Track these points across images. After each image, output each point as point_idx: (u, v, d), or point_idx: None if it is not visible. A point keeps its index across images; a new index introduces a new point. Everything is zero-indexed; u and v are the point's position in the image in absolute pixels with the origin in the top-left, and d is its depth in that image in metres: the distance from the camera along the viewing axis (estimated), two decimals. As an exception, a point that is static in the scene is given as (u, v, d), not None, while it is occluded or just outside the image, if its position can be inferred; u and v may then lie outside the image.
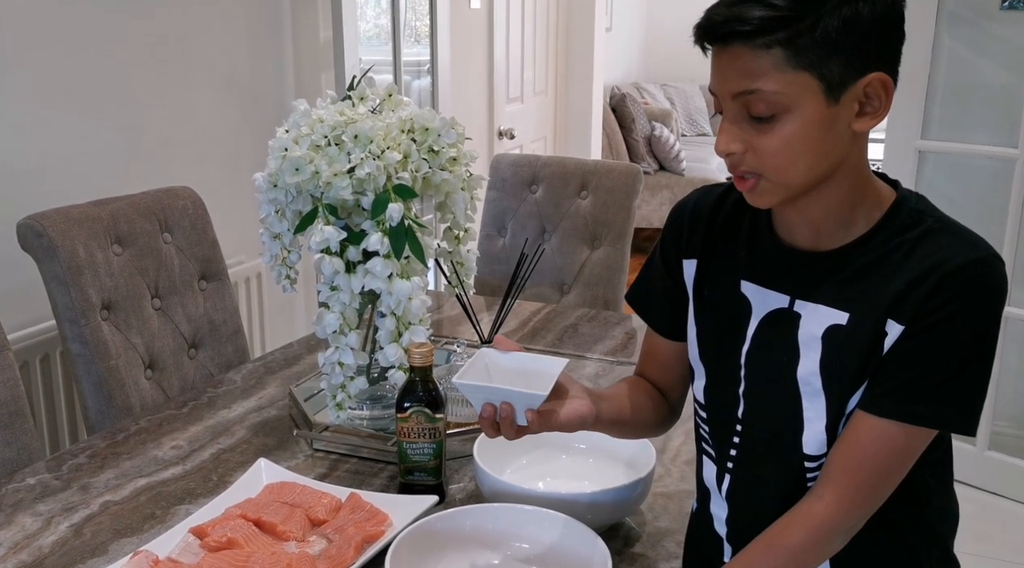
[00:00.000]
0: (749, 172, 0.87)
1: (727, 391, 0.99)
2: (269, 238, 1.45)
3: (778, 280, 0.94)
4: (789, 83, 0.81)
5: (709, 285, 1.01)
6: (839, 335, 0.89)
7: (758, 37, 0.81)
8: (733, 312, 0.97)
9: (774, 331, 0.94)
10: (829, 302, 0.90)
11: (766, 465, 0.97)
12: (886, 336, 0.86)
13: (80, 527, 1.18)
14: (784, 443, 0.94)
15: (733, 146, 0.86)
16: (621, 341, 1.89)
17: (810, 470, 0.93)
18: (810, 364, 0.91)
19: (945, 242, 0.86)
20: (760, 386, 0.96)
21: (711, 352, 1.01)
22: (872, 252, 0.88)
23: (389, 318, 1.35)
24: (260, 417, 1.51)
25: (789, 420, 0.93)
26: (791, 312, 0.92)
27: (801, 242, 0.93)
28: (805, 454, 0.93)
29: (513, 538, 1.08)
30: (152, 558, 1.06)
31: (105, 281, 1.74)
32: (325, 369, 1.38)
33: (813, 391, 0.91)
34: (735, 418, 0.98)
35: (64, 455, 1.38)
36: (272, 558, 1.07)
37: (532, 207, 2.41)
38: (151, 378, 1.81)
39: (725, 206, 1.01)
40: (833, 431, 0.91)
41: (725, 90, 0.85)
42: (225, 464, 1.35)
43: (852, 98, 0.83)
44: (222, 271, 1.99)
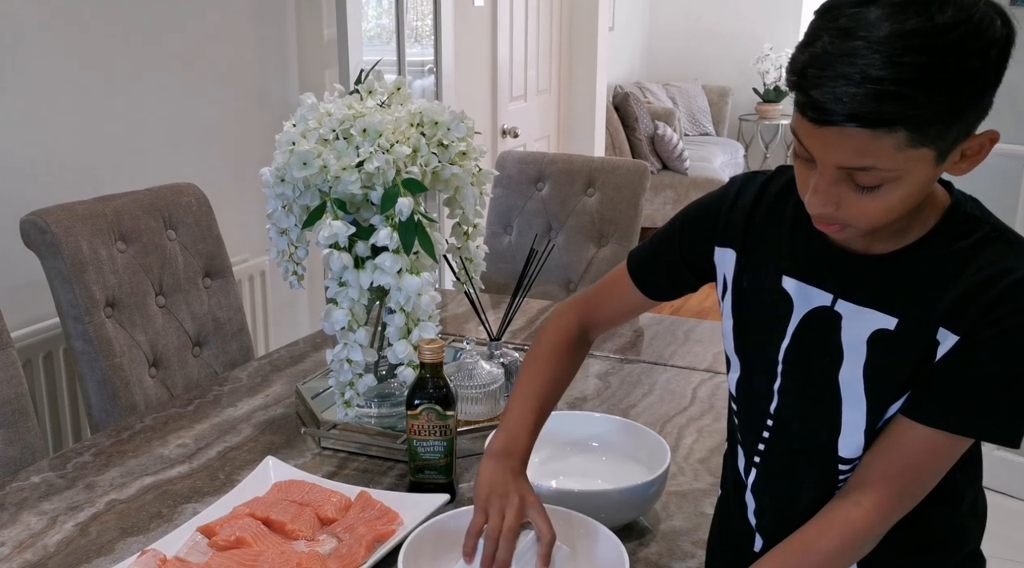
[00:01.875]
0: (838, 221, 0.82)
1: (761, 385, 0.96)
2: (276, 233, 1.43)
3: (822, 278, 0.91)
4: (907, 159, 0.75)
5: (748, 277, 0.98)
6: (886, 341, 0.86)
7: (881, 124, 0.73)
8: (773, 307, 0.94)
9: (816, 330, 0.91)
10: (877, 306, 0.86)
11: (796, 463, 0.95)
12: (938, 346, 0.83)
13: (86, 526, 1.16)
14: (818, 443, 0.92)
15: (829, 208, 0.80)
16: (629, 339, 1.87)
17: (843, 473, 0.92)
18: (853, 368, 0.88)
19: (1003, 252, 0.83)
20: (797, 384, 0.93)
21: (748, 345, 0.98)
22: (926, 259, 0.85)
23: (398, 314, 1.33)
24: (267, 415, 1.50)
25: (826, 421, 0.91)
26: (832, 312, 0.89)
27: (849, 244, 0.89)
28: (840, 457, 0.91)
29: (526, 536, 1.06)
30: (160, 557, 1.04)
31: (109, 278, 1.72)
32: (333, 366, 1.36)
33: (854, 395, 0.88)
34: (766, 413, 0.96)
35: (69, 453, 1.36)
36: (282, 557, 1.05)
37: (538, 204, 2.39)
38: (155, 376, 1.79)
39: (767, 196, 0.97)
40: (871, 436, 0.88)
41: (829, 160, 0.77)
42: (232, 462, 1.33)
43: (958, 154, 0.79)
44: (227, 268, 1.97)
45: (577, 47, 4.42)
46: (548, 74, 4.22)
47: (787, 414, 0.95)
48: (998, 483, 2.66)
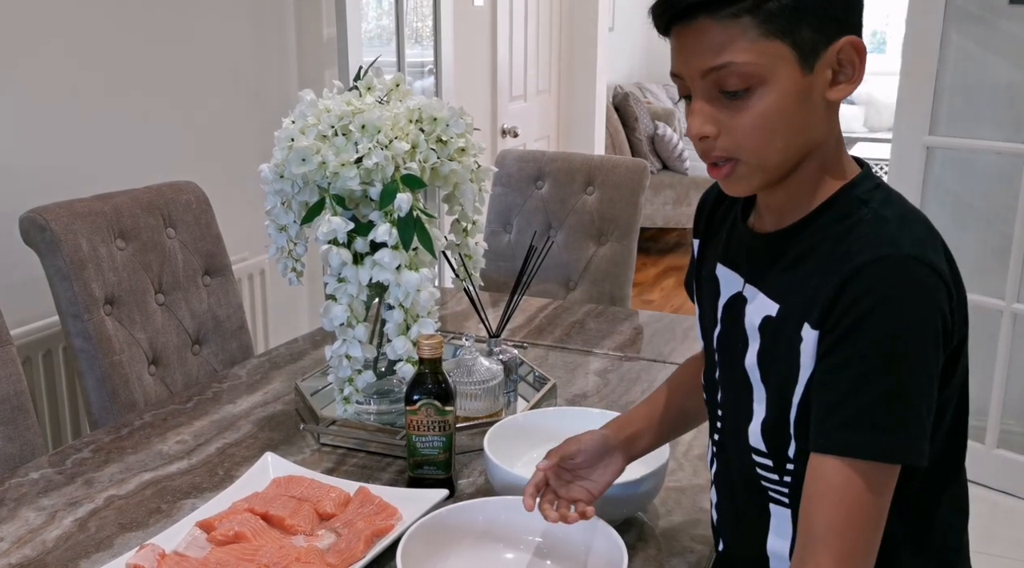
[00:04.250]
0: (724, 157, 0.82)
1: (711, 375, 0.98)
2: (275, 230, 1.43)
3: (738, 262, 0.92)
4: (761, 53, 0.77)
5: (702, 267, 1.01)
6: (771, 328, 0.85)
7: (724, 7, 0.76)
8: (711, 294, 0.96)
9: (733, 316, 0.92)
10: (767, 291, 0.86)
11: (732, 456, 0.95)
12: (801, 342, 0.80)
13: (84, 521, 1.16)
14: (741, 434, 0.90)
15: (707, 128, 0.81)
16: (629, 336, 1.87)
17: (759, 466, 0.88)
18: (752, 354, 0.88)
19: (868, 237, 0.78)
20: (727, 372, 0.94)
21: (704, 335, 1.01)
22: (806, 240, 0.83)
23: (397, 310, 1.33)
24: (266, 412, 1.50)
25: (743, 409, 0.89)
26: (741, 296, 0.90)
27: (763, 225, 0.89)
28: (752, 447, 0.88)
29: (526, 532, 1.06)
30: (158, 551, 1.04)
31: (108, 276, 1.72)
32: (332, 362, 1.36)
33: (756, 382, 0.87)
34: (716, 403, 0.97)
35: (68, 449, 1.36)
36: (281, 552, 1.05)
37: (538, 203, 2.39)
38: (154, 374, 1.79)
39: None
40: (774, 431, 0.84)
41: (693, 69, 0.80)
42: (231, 458, 1.33)
43: (825, 66, 0.79)
44: (226, 267, 1.98)
45: (577, 47, 4.42)
46: (548, 74, 4.22)
47: (724, 403, 0.95)
48: (1002, 483, 2.65)
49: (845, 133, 0.90)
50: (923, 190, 2.66)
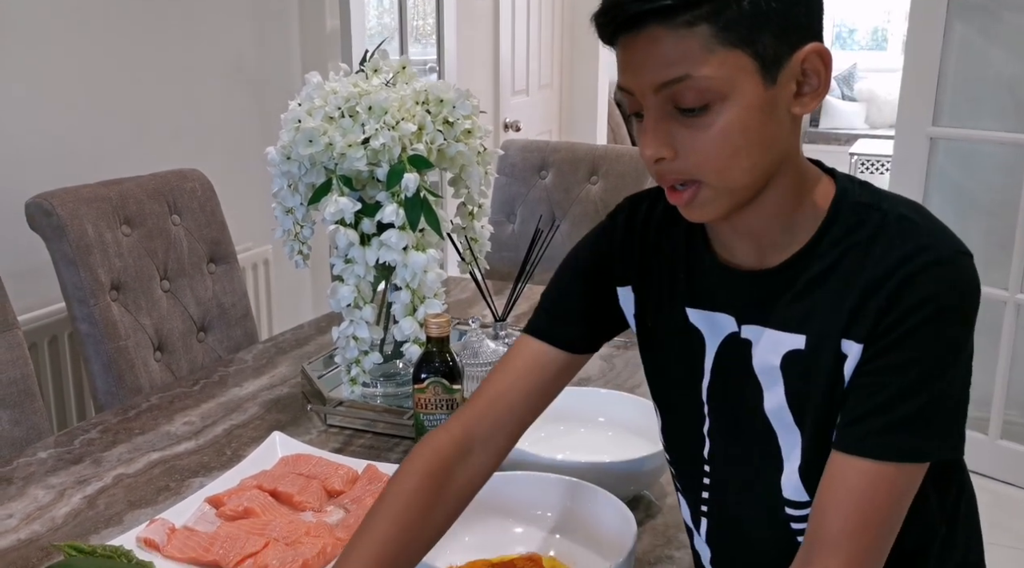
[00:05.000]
0: (685, 180, 0.73)
1: (691, 430, 0.87)
2: (281, 212, 1.43)
3: (723, 302, 0.82)
4: (720, 64, 0.69)
5: (652, 316, 0.88)
6: (800, 363, 0.77)
7: (679, 14, 0.68)
8: (686, 344, 0.85)
9: (732, 361, 0.82)
10: (782, 326, 0.77)
11: (744, 509, 0.85)
12: (844, 359, 0.74)
13: (93, 499, 1.16)
14: (761, 486, 0.82)
15: (662, 150, 0.72)
16: (634, 323, 1.87)
17: (795, 520, 0.81)
18: (776, 398, 0.79)
19: (900, 240, 0.73)
20: (728, 423, 0.84)
21: (668, 391, 0.90)
22: (820, 261, 0.76)
23: (404, 291, 1.33)
24: (272, 395, 1.50)
25: (765, 459, 0.81)
26: (740, 339, 0.81)
27: (743, 261, 0.80)
28: (786, 499, 0.80)
29: (534, 506, 1.06)
30: (168, 526, 1.05)
31: (114, 261, 1.73)
32: (339, 343, 1.36)
33: (785, 426, 0.79)
34: (701, 459, 0.87)
35: (75, 430, 1.36)
36: (290, 526, 1.05)
37: (542, 192, 2.39)
38: (160, 360, 1.80)
39: (653, 221, 0.88)
40: (811, 474, 0.78)
41: (645, 83, 0.71)
42: (238, 439, 1.33)
43: (789, 77, 0.72)
44: (231, 254, 1.98)
45: (579, 42, 4.42)
46: (550, 69, 4.22)
47: (723, 457, 0.85)
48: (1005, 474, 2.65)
49: (847, 130, 0.85)
50: (926, 181, 2.66)
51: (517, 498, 1.06)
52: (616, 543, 0.96)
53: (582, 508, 1.04)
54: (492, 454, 0.88)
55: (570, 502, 1.05)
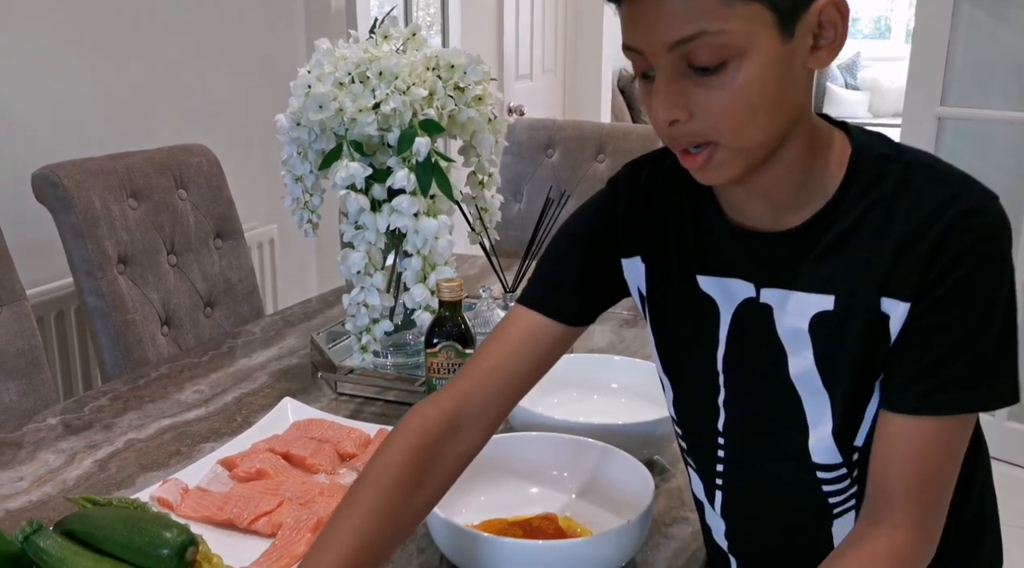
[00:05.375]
0: (699, 142, 0.70)
1: (704, 403, 0.85)
2: (291, 180, 1.42)
3: (739, 267, 0.79)
4: (738, 18, 0.65)
5: (662, 287, 0.85)
6: (829, 324, 0.75)
7: None
8: (698, 314, 0.82)
9: (750, 327, 0.79)
10: (808, 287, 0.75)
11: (766, 479, 0.83)
12: (888, 319, 0.72)
13: (105, 462, 1.15)
14: (786, 451, 0.80)
15: (677, 112, 0.69)
16: (643, 298, 1.87)
17: (826, 482, 0.80)
18: (803, 362, 0.77)
19: (928, 191, 0.72)
20: (746, 393, 0.82)
21: (679, 362, 0.87)
22: (844, 218, 0.74)
23: (415, 257, 1.32)
24: (281, 365, 1.49)
25: (788, 425, 0.79)
26: (759, 304, 0.78)
27: (757, 222, 0.77)
28: (815, 464, 0.79)
29: (550, 466, 1.06)
30: (182, 486, 1.04)
31: (121, 235, 1.72)
32: (350, 310, 1.36)
33: (813, 390, 0.77)
34: (715, 431, 0.85)
35: (85, 398, 1.36)
36: (303, 487, 1.04)
37: (548, 171, 2.38)
38: (167, 335, 1.79)
39: (656, 187, 0.84)
40: (845, 435, 0.77)
41: (656, 42, 0.67)
42: (248, 406, 1.32)
43: (806, 30, 0.69)
44: (237, 230, 1.97)
45: (582, 28, 4.41)
46: (554, 54, 4.21)
47: (740, 427, 0.83)
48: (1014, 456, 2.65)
49: (849, 118, 0.83)
50: (933, 161, 2.65)
51: (533, 458, 1.06)
52: (633, 502, 0.96)
53: (598, 468, 1.03)
54: (482, 430, 0.85)
55: (586, 462, 1.04)
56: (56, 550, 0.75)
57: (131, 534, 0.74)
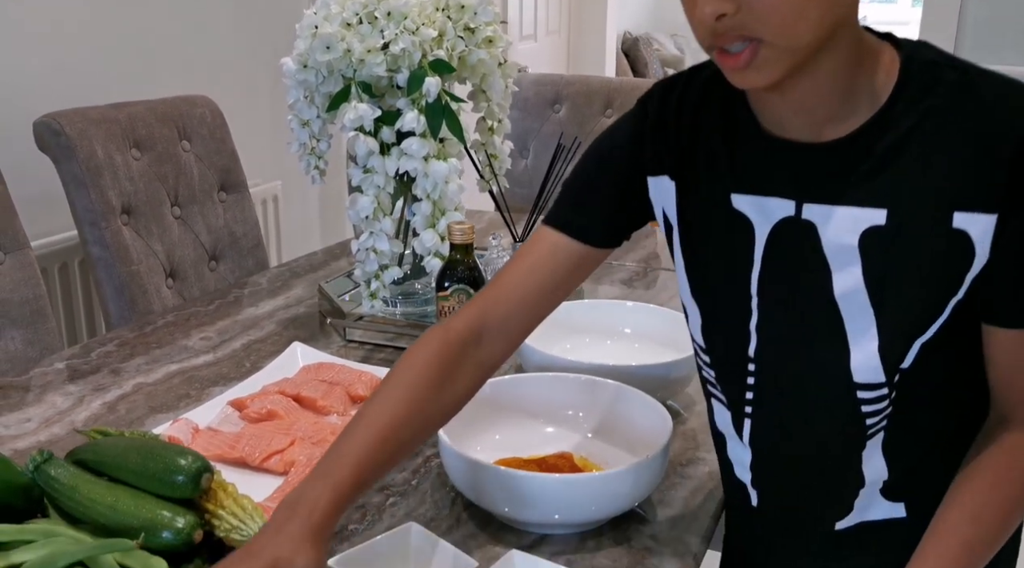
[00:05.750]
0: (743, 38, 0.66)
1: (733, 327, 0.82)
2: (297, 125, 1.40)
3: (777, 184, 0.76)
4: None
5: (692, 206, 0.82)
6: (881, 239, 0.72)
7: None
8: (730, 234, 0.79)
9: (789, 247, 0.76)
10: (858, 201, 0.72)
11: (800, 403, 0.81)
12: (967, 235, 0.69)
13: (113, 405, 1.14)
14: (824, 374, 0.78)
15: (725, 5, 0.65)
16: (652, 251, 1.85)
17: (866, 402, 0.77)
18: (850, 279, 0.74)
19: (997, 95, 0.69)
20: (781, 315, 0.79)
21: (708, 285, 0.83)
22: (896, 128, 0.71)
23: (425, 202, 1.30)
24: (289, 314, 1.48)
25: (826, 345, 0.76)
26: (801, 220, 0.75)
27: (796, 134, 0.74)
28: (856, 383, 0.77)
29: (565, 406, 1.04)
30: (192, 425, 1.03)
31: (124, 185, 1.69)
32: (358, 256, 1.34)
33: (858, 308, 0.74)
34: (746, 357, 0.82)
35: (91, 344, 1.34)
36: (315, 426, 1.03)
37: (555, 127, 2.35)
38: (172, 287, 1.77)
39: (688, 104, 0.81)
40: (891, 356, 0.75)
41: None
42: (257, 352, 1.31)
43: None
44: (242, 183, 1.95)
45: (587, -12, 4.36)
46: (558, 15, 4.16)
47: (773, 351, 0.80)
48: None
49: None
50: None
51: (547, 398, 1.05)
52: (650, 440, 0.94)
53: (613, 407, 1.02)
54: (504, 343, 0.85)
55: (601, 401, 1.03)
56: (68, 478, 0.73)
57: (145, 461, 0.72)
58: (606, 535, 0.89)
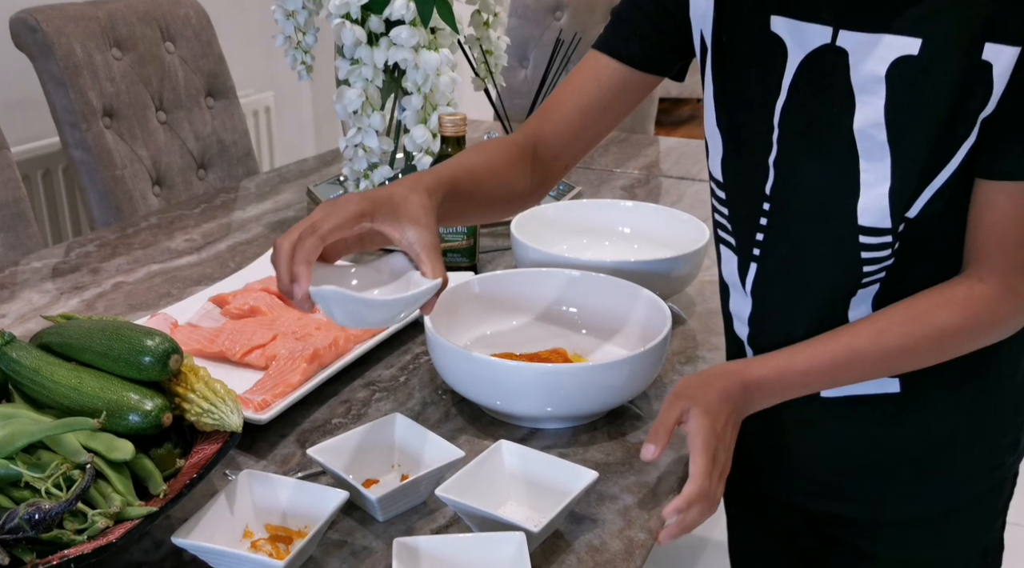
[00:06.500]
0: None
1: (753, 161, 0.80)
2: (282, 17, 1.32)
3: (817, 9, 0.73)
4: None
5: (728, 27, 0.79)
6: (911, 69, 0.69)
7: None
8: (763, 58, 0.77)
9: (817, 77, 0.74)
10: (892, 29, 0.70)
11: (805, 246, 0.79)
12: (990, 68, 0.66)
13: (91, 303, 1.10)
14: (832, 215, 0.76)
15: None
16: (653, 159, 1.79)
17: (867, 248, 0.75)
18: (871, 112, 0.71)
19: None
20: (799, 149, 0.77)
21: (734, 113, 0.81)
22: None
23: (415, 96, 1.24)
24: (277, 217, 1.43)
25: (840, 186, 0.75)
26: (835, 48, 0.73)
27: None
28: (860, 227, 0.75)
29: (560, 303, 1.00)
30: (171, 321, 0.99)
31: (105, 86, 1.63)
32: (347, 154, 1.28)
33: (874, 146, 0.72)
34: (762, 195, 0.80)
35: (72, 244, 1.30)
36: (299, 322, 0.99)
37: (556, 35, 2.26)
38: (159, 195, 1.72)
39: None
40: (901, 198, 0.72)
41: None
42: (242, 254, 1.27)
43: None
44: (230, 89, 1.88)
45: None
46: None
47: (789, 188, 0.78)
48: None
49: None
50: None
51: (541, 295, 1.00)
52: (647, 335, 0.90)
53: (610, 303, 0.98)
54: (557, 159, 0.89)
55: (597, 297, 0.99)
56: (30, 361, 0.70)
57: (110, 342, 0.68)
58: (600, 430, 0.86)
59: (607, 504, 0.75)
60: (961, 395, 0.82)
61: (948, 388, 0.81)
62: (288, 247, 0.66)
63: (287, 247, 0.66)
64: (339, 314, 0.66)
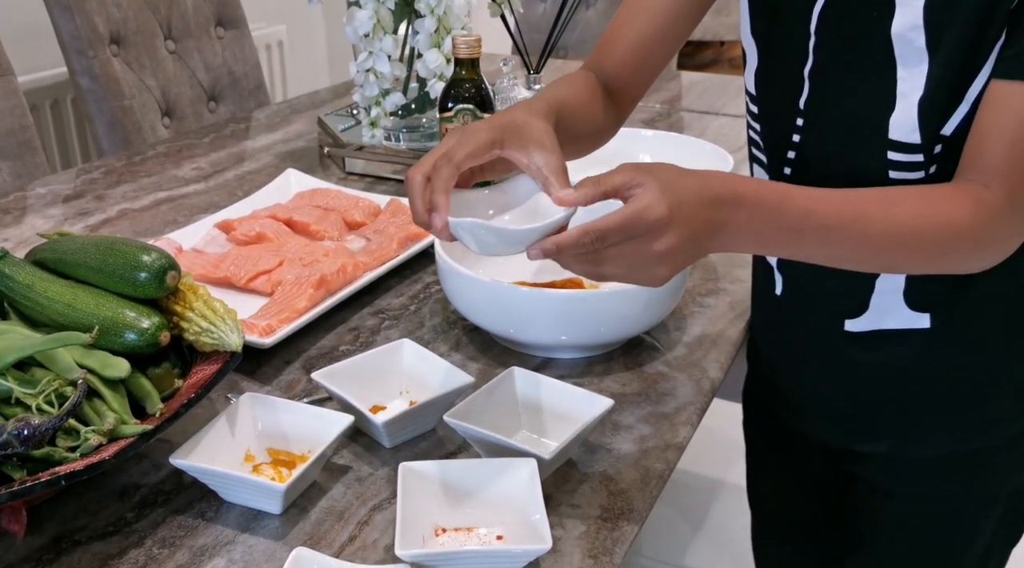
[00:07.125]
0: None
1: (788, 73, 0.77)
2: (291, -65, 1.27)
3: None
4: None
5: None
6: None
7: None
8: None
9: None
10: None
11: (838, 164, 0.76)
12: None
13: (96, 228, 1.08)
14: (864, 128, 0.72)
15: None
16: (676, 93, 1.73)
17: (895, 167, 0.72)
18: (911, 14, 0.68)
19: None
20: (835, 57, 0.73)
21: (769, 21, 0.78)
22: None
23: (429, 18, 1.19)
24: (287, 147, 1.39)
25: (875, 95, 0.71)
26: None
27: None
28: (891, 141, 0.71)
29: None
30: (176, 246, 0.96)
31: (112, 11, 1.58)
32: (357, 79, 1.24)
33: (913, 52, 0.69)
34: (795, 109, 0.77)
35: (77, 171, 1.27)
36: (307, 248, 0.96)
37: (577, -35, 2.18)
38: (169, 126, 1.69)
39: None
40: (931, 109, 0.69)
41: None
42: (251, 182, 1.23)
43: None
44: (240, 19, 1.82)
45: None
46: None
47: (823, 102, 0.75)
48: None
49: None
50: None
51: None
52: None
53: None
54: (622, 98, 0.87)
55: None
56: (24, 277, 0.67)
57: (105, 257, 0.66)
58: (616, 360, 0.83)
59: (622, 434, 0.72)
60: (993, 334, 0.78)
61: (981, 323, 0.77)
62: (422, 178, 0.64)
63: (420, 178, 0.64)
64: (476, 245, 0.64)
